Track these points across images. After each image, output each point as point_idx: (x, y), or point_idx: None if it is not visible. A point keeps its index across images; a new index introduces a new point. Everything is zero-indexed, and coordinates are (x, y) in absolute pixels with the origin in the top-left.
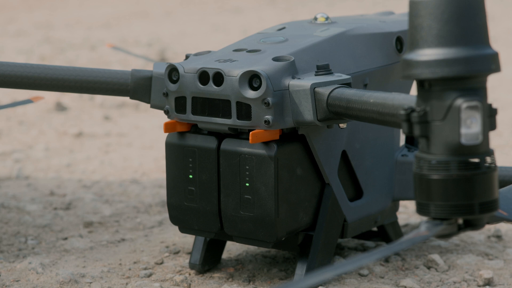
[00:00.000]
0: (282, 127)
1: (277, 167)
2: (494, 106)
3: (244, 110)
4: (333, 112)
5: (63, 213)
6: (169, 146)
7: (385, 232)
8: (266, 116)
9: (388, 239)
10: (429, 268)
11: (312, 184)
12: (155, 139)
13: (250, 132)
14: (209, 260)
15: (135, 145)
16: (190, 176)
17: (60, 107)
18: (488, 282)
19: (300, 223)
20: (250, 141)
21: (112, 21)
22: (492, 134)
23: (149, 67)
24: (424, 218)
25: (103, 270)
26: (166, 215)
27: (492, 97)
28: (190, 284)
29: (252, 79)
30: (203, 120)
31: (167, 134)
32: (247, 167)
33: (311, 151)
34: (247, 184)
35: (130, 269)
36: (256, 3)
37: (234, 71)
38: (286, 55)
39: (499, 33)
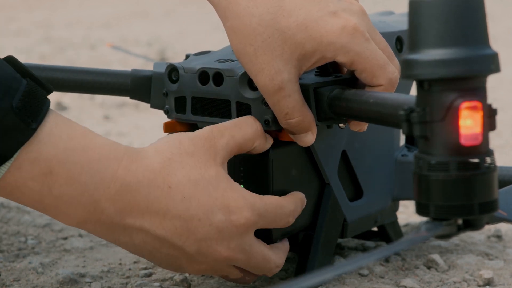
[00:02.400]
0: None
1: (271, 168)
2: (494, 106)
3: (244, 110)
4: (333, 112)
5: None
6: None
7: (385, 231)
8: (266, 116)
9: (388, 239)
10: (429, 268)
11: (310, 185)
12: (155, 139)
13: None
14: None
15: (135, 144)
16: None
17: (61, 107)
18: (488, 282)
19: (295, 225)
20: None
21: (112, 21)
22: (492, 134)
23: (149, 66)
24: (424, 218)
25: (103, 270)
26: None
27: (492, 97)
28: (190, 284)
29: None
30: (203, 120)
31: (166, 134)
32: (241, 169)
33: (309, 151)
34: (242, 186)
35: (130, 269)
36: None
37: (234, 71)
38: None
39: (499, 33)
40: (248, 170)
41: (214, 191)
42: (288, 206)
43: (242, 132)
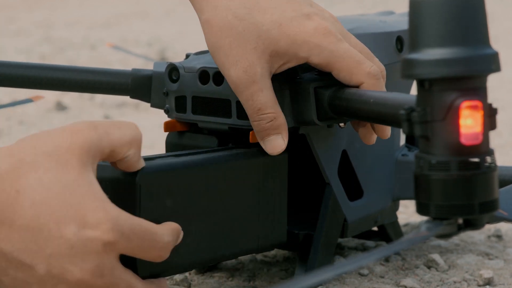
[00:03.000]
0: None
1: (139, 195)
2: (494, 106)
3: (244, 109)
4: (334, 112)
5: None
6: (169, 146)
7: (385, 231)
8: None
9: (388, 239)
10: (429, 267)
11: (196, 219)
12: (155, 139)
13: (250, 132)
14: None
15: None
16: None
17: (60, 107)
18: (488, 282)
19: (181, 262)
20: (250, 140)
21: (112, 21)
22: (492, 134)
23: (149, 66)
24: (424, 218)
25: None
26: None
27: (493, 97)
28: (190, 284)
29: None
30: (203, 120)
31: (167, 133)
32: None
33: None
34: None
35: None
36: None
37: None
38: None
39: (500, 33)
40: (114, 195)
41: (70, 197)
42: (162, 235)
43: (120, 132)
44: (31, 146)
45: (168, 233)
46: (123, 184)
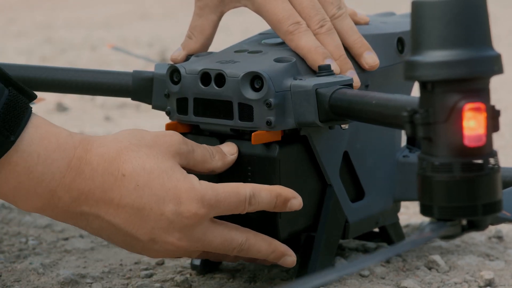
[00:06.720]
0: (284, 128)
1: (279, 168)
2: (497, 107)
3: (246, 111)
4: (335, 113)
5: None
6: None
7: (386, 233)
8: (268, 117)
9: (389, 240)
10: (430, 269)
11: (312, 185)
12: None
13: (252, 133)
14: (210, 260)
15: None
16: None
17: (61, 108)
18: (489, 283)
19: (300, 224)
20: (252, 142)
21: (113, 21)
22: (493, 135)
23: (150, 67)
24: (426, 219)
25: (104, 271)
26: None
27: (495, 98)
28: (191, 285)
29: (254, 80)
30: (204, 121)
31: None
32: (249, 168)
33: (312, 152)
34: None
35: (131, 270)
36: None
37: (236, 72)
38: (288, 56)
39: (502, 34)
40: (255, 169)
41: (167, 181)
42: (243, 192)
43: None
44: (135, 138)
45: (248, 188)
46: (264, 159)
